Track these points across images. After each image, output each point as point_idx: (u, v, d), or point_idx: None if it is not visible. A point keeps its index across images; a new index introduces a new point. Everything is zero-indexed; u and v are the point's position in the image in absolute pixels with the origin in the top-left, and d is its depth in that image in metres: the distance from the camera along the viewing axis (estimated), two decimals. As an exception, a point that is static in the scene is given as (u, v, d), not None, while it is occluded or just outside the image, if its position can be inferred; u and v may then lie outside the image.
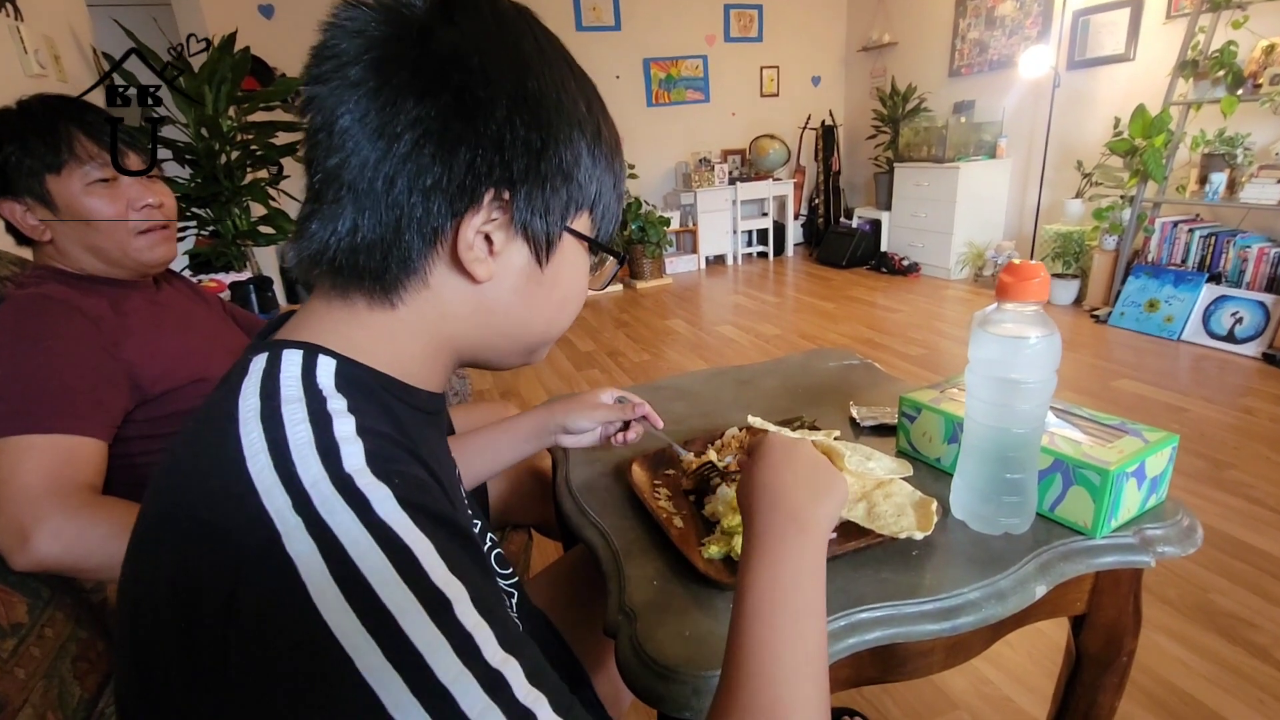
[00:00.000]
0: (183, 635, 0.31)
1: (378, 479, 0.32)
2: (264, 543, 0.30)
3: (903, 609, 0.56)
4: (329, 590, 0.28)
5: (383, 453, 0.34)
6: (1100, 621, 0.71)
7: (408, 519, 0.31)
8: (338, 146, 0.37)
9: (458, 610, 0.30)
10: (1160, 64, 3.28)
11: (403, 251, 0.39)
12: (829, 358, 1.16)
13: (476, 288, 0.41)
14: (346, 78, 0.37)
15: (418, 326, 0.41)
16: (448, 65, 0.37)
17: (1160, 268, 3.21)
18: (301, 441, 0.33)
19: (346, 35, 0.37)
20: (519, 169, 0.39)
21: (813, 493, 0.49)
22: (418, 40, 0.37)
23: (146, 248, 0.92)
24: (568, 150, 0.40)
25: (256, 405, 0.35)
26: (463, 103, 0.37)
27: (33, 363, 0.76)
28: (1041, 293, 0.57)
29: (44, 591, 0.72)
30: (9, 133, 0.83)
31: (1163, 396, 2.48)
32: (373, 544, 0.30)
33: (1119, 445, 0.64)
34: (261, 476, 0.31)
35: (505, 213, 0.39)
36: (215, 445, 0.34)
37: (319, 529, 0.30)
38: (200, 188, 2.31)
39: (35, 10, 1.76)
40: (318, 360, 0.38)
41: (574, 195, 0.42)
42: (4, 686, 0.63)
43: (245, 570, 0.30)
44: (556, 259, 0.43)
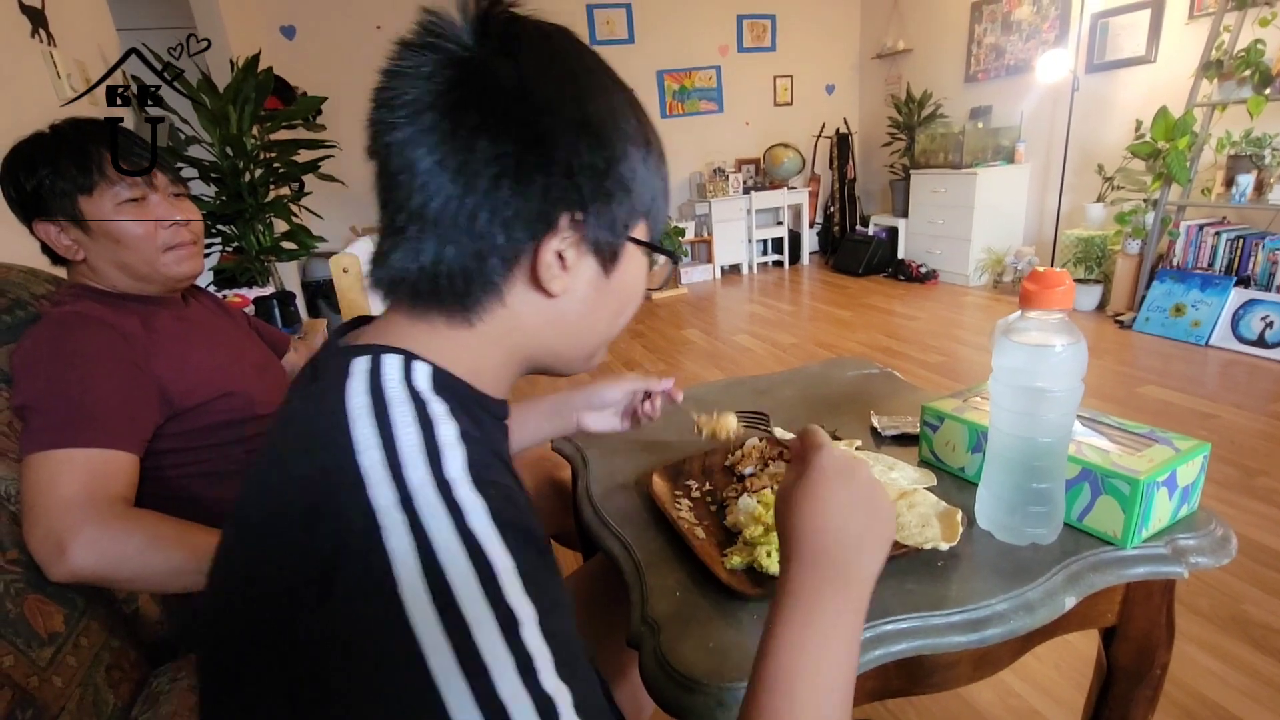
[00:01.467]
0: (273, 609, 0.34)
1: (475, 489, 0.34)
2: (367, 531, 0.32)
3: (929, 620, 0.56)
4: (418, 589, 0.30)
5: (480, 460, 0.36)
6: (1132, 634, 0.70)
7: (496, 535, 0.33)
8: (420, 188, 0.40)
9: (524, 631, 0.31)
10: (1183, 65, 3.23)
11: (485, 276, 0.42)
12: (848, 367, 1.16)
13: (550, 301, 0.44)
14: (421, 124, 0.39)
15: (493, 340, 0.44)
16: (512, 102, 0.39)
17: (1186, 272, 3.15)
18: (410, 443, 0.35)
19: (411, 82, 0.39)
20: (588, 191, 0.41)
21: (865, 536, 0.44)
22: (480, 80, 0.39)
23: (174, 263, 0.95)
24: (626, 165, 0.43)
25: (367, 404, 0.37)
26: (532, 136, 0.39)
27: (68, 379, 0.78)
28: (1066, 301, 0.57)
29: (79, 602, 0.74)
30: (43, 156, 0.86)
31: (1191, 403, 2.43)
32: (463, 553, 0.32)
33: (1149, 454, 0.63)
34: (372, 471, 0.34)
35: (577, 231, 0.42)
36: (327, 437, 0.36)
37: (418, 530, 0.32)
38: (225, 205, 2.36)
39: (67, 35, 1.82)
40: (414, 365, 0.41)
41: (634, 205, 0.45)
42: (43, 694, 0.65)
43: (345, 555, 0.32)
44: (620, 268, 0.46)
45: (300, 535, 0.34)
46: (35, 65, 1.64)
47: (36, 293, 0.92)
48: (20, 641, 0.65)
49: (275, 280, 2.54)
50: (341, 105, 4.21)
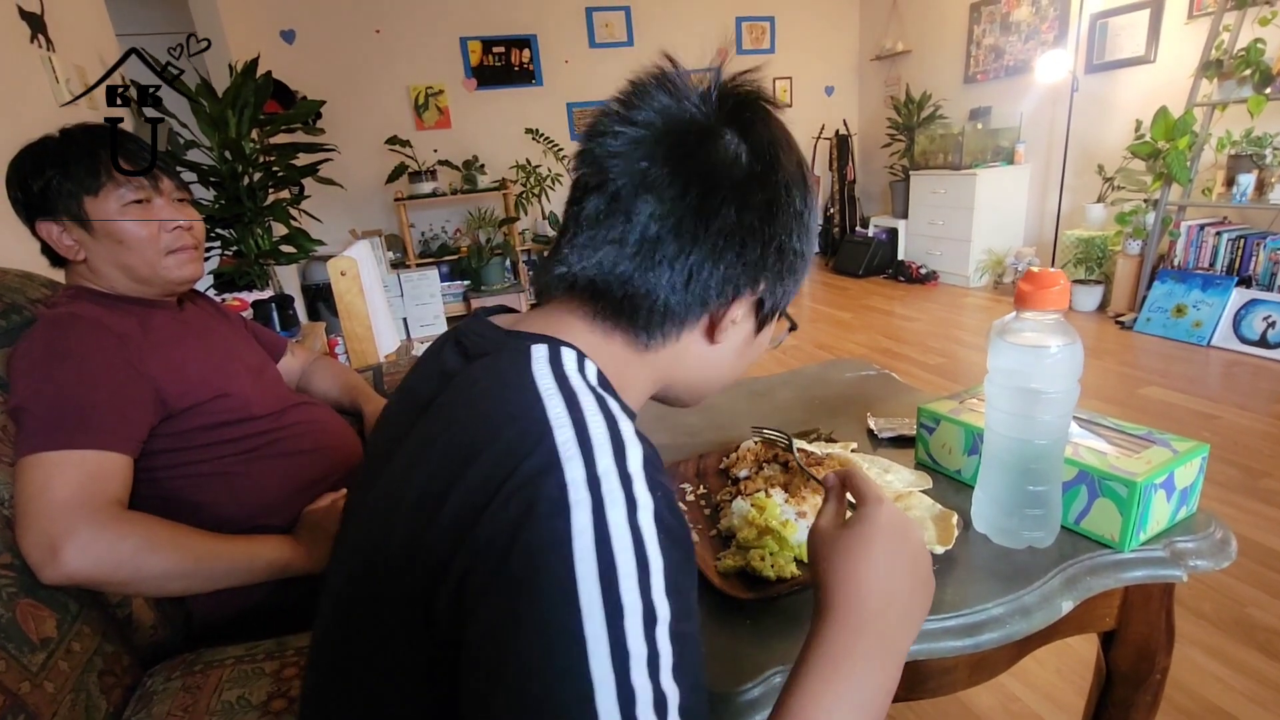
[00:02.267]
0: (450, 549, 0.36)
1: (648, 488, 0.37)
2: (559, 500, 0.34)
3: (925, 625, 0.55)
4: (590, 565, 0.33)
5: (653, 460, 0.39)
6: (1130, 638, 0.69)
7: (656, 534, 0.35)
8: (655, 221, 0.44)
9: (659, 629, 0.34)
10: (1182, 65, 3.23)
11: (680, 319, 0.47)
12: (846, 368, 1.15)
13: (711, 348, 0.50)
14: (657, 161, 0.43)
15: (655, 367, 0.49)
16: (752, 179, 0.45)
17: (1187, 272, 3.14)
18: (599, 431, 0.38)
19: (647, 115, 0.44)
20: (774, 267, 0.47)
21: (911, 606, 0.43)
22: (715, 147, 0.44)
23: (175, 266, 0.95)
24: (806, 245, 0.49)
25: (555, 387, 0.40)
26: (768, 213, 0.45)
27: (62, 380, 0.78)
28: (1061, 301, 0.56)
29: (72, 606, 0.74)
30: (51, 159, 0.87)
31: (1193, 404, 2.42)
32: (630, 546, 0.34)
33: (1146, 456, 0.63)
34: (566, 447, 0.36)
35: (755, 295, 0.48)
36: (524, 413, 0.39)
37: (599, 512, 0.34)
38: (224, 209, 2.36)
39: (66, 40, 1.82)
40: (585, 363, 0.44)
41: (799, 280, 0.51)
42: (34, 700, 0.65)
43: (537, 513, 0.34)
44: (765, 328, 0.52)
45: (494, 489, 0.36)
46: (34, 70, 1.65)
47: (33, 296, 0.92)
48: (11, 646, 0.65)
49: (274, 284, 2.54)
50: (340, 108, 4.23)
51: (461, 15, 4.43)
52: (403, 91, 4.47)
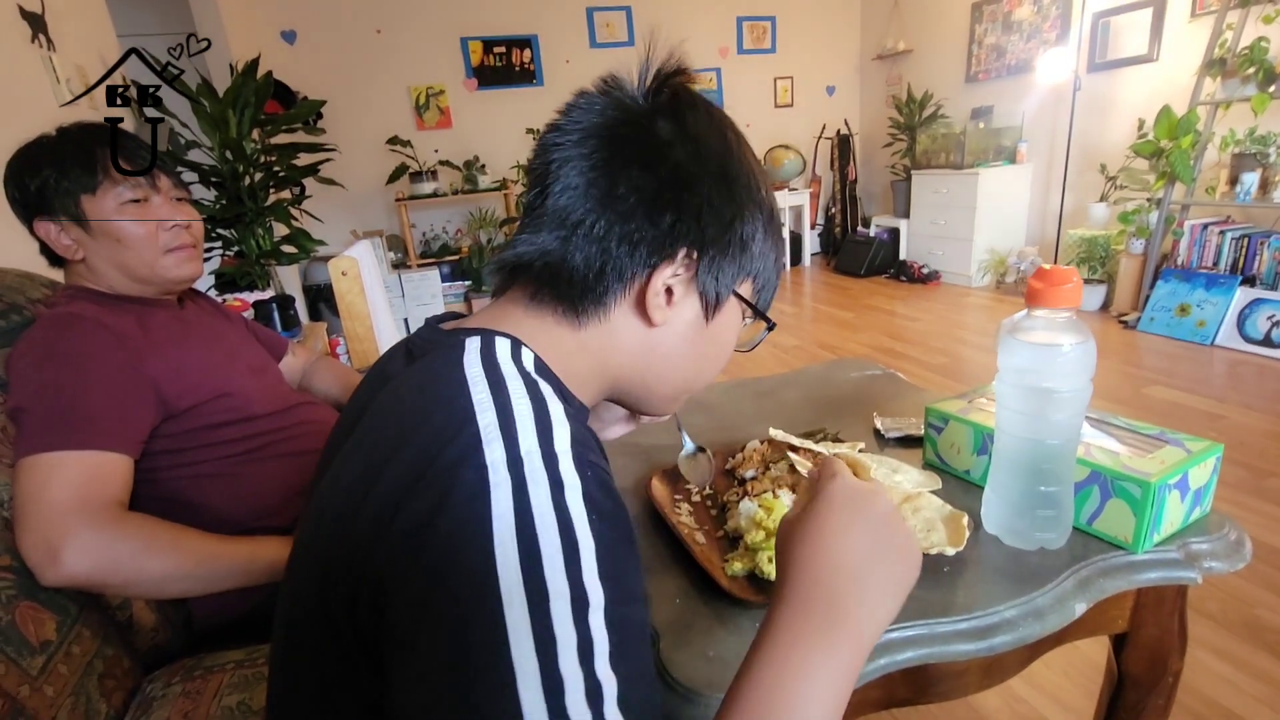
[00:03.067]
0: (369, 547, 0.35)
1: (575, 467, 0.36)
2: (477, 484, 0.34)
3: (936, 628, 0.54)
4: (510, 549, 0.32)
5: (583, 440, 0.38)
6: (1143, 641, 0.68)
7: (585, 515, 0.34)
8: (567, 197, 0.45)
9: (592, 615, 0.32)
10: (1185, 63, 3.22)
11: (601, 287, 0.46)
12: (850, 368, 1.14)
13: (648, 330, 0.48)
14: (583, 148, 0.45)
15: (592, 349, 0.48)
16: (668, 147, 0.45)
17: (1191, 271, 3.13)
18: (524, 412, 0.37)
19: (587, 114, 0.46)
20: (710, 235, 0.46)
21: (870, 572, 0.39)
22: (647, 127, 0.46)
23: (174, 265, 0.94)
24: (749, 225, 0.48)
25: (482, 374, 0.40)
26: (677, 176, 0.45)
27: (62, 380, 0.77)
28: (1074, 299, 0.55)
29: (72, 608, 0.73)
30: (48, 157, 0.86)
31: (1198, 403, 2.41)
32: (554, 527, 0.33)
33: (1160, 455, 0.62)
34: (488, 430, 0.36)
35: (690, 270, 0.47)
36: (445, 397, 0.38)
37: (521, 494, 0.34)
38: (225, 209, 2.36)
39: (67, 40, 1.81)
40: (521, 350, 0.44)
41: (745, 264, 0.49)
42: (33, 704, 0.64)
43: (453, 499, 0.33)
44: (719, 317, 0.50)
45: (412, 480, 0.35)
46: (35, 70, 1.64)
47: (32, 296, 0.91)
48: (11, 650, 0.64)
49: (275, 284, 2.53)
50: (341, 109, 4.23)
51: (462, 15, 4.43)
52: (403, 92, 4.46)
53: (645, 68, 0.47)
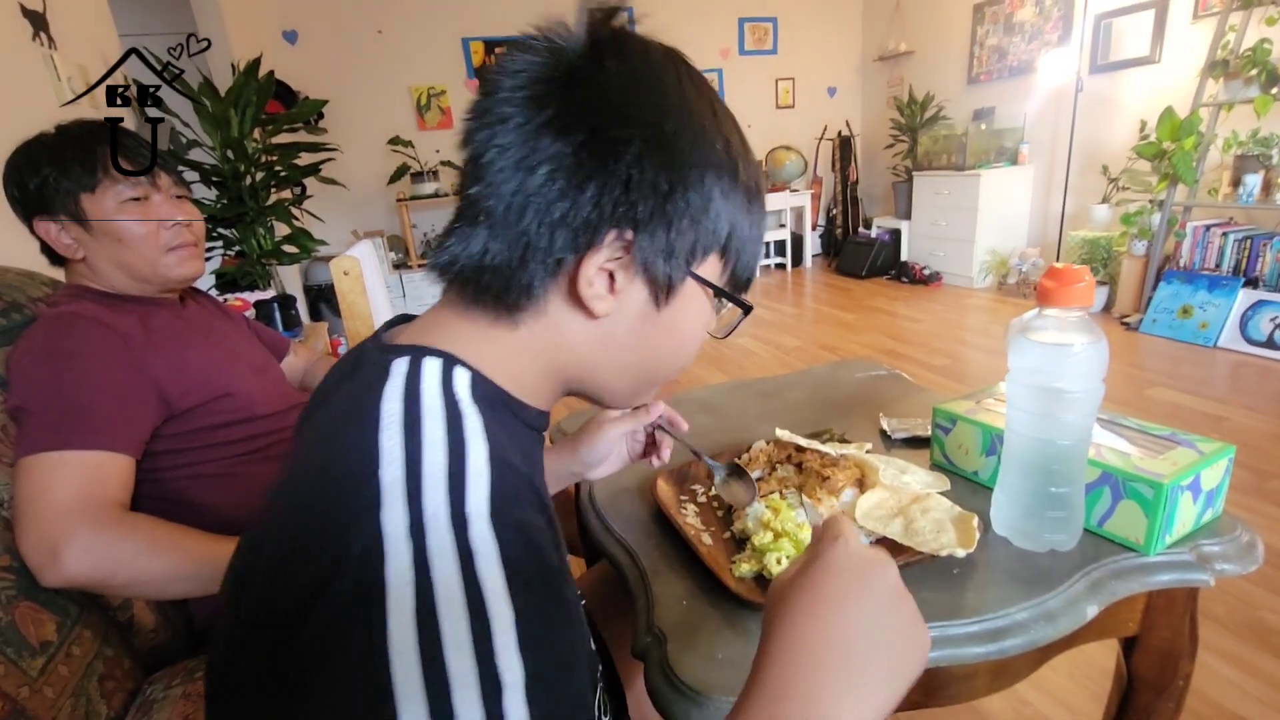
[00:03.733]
0: (272, 615, 0.32)
1: (492, 529, 0.31)
2: (369, 553, 0.30)
3: (947, 630, 0.54)
4: (407, 631, 0.28)
5: (507, 491, 0.34)
6: (1154, 644, 0.67)
7: (503, 583, 0.30)
8: (482, 176, 0.39)
9: (506, 698, 0.28)
10: (1188, 65, 3.22)
11: (526, 278, 0.40)
12: (855, 369, 1.14)
13: (593, 322, 0.42)
14: (499, 114, 0.39)
15: (536, 350, 0.43)
16: (588, 105, 0.38)
17: (1193, 273, 3.12)
18: (434, 464, 0.33)
19: (507, 74, 0.39)
20: (645, 210, 0.39)
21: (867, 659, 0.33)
22: (565, 81, 0.39)
23: (175, 264, 0.94)
24: (697, 194, 0.40)
25: (399, 411, 0.35)
26: (595, 142, 0.38)
27: (64, 380, 0.77)
28: (1086, 298, 0.55)
29: (72, 609, 0.72)
30: (48, 155, 0.86)
31: (1201, 405, 2.40)
32: (462, 601, 0.29)
33: (1171, 457, 0.61)
34: (390, 489, 0.32)
35: (629, 252, 0.40)
36: (354, 446, 0.34)
37: (421, 565, 0.30)
38: (226, 208, 2.35)
39: (68, 39, 1.81)
40: (454, 370, 0.39)
41: (701, 239, 0.42)
42: (33, 705, 0.63)
43: (342, 571, 0.30)
44: (676, 302, 0.43)
45: (309, 540, 0.32)
46: (36, 68, 1.64)
47: (34, 295, 0.90)
48: (11, 651, 0.63)
49: (276, 284, 2.53)
50: (343, 108, 4.23)
51: (463, 16, 4.43)
52: (405, 92, 4.46)
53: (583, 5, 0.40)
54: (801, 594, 0.35)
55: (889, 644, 0.34)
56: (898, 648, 0.34)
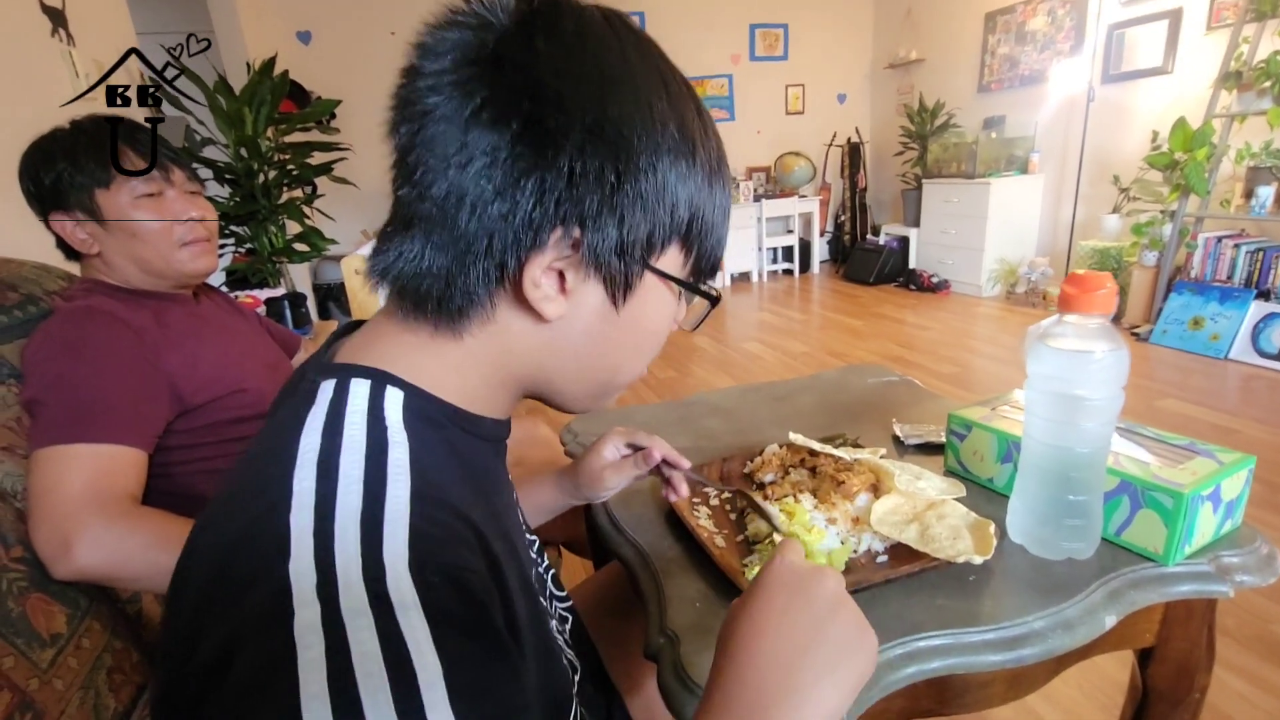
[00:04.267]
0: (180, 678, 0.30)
1: (411, 578, 0.29)
2: (276, 615, 0.27)
3: (963, 638, 0.53)
4: (320, 698, 0.25)
5: (430, 532, 0.31)
6: (1170, 655, 0.67)
7: (428, 637, 0.27)
8: (410, 176, 0.36)
9: None
10: (1201, 76, 3.20)
11: (468, 284, 0.37)
12: (867, 374, 1.13)
13: (545, 326, 0.39)
14: (422, 106, 0.35)
15: (485, 359, 0.39)
16: (520, 92, 0.34)
17: (1204, 284, 3.11)
18: (349, 508, 0.30)
19: (429, 57, 0.36)
20: (591, 205, 0.35)
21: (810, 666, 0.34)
22: (493, 63, 0.34)
23: (189, 259, 0.94)
24: (649, 182, 0.37)
25: (316, 447, 0.33)
26: (531, 132, 0.34)
27: (78, 373, 0.77)
28: (1108, 305, 0.54)
29: (82, 601, 0.72)
30: (62, 150, 0.86)
31: (1211, 417, 2.38)
32: (380, 662, 0.26)
33: (1191, 466, 0.61)
34: (299, 540, 0.29)
35: (577, 250, 0.36)
36: (266, 485, 0.32)
37: (333, 626, 0.27)
38: (239, 206, 2.37)
39: (86, 36, 1.83)
40: (386, 392, 0.36)
41: (658, 229, 0.38)
42: (42, 698, 0.63)
43: (246, 636, 0.27)
44: (636, 299, 0.40)
45: (214, 594, 0.30)
46: (54, 64, 1.65)
47: (49, 288, 0.91)
48: (21, 642, 0.63)
49: (287, 282, 2.54)
50: (355, 109, 4.23)
51: (476, 19, 4.45)
52: (416, 93, 4.48)
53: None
54: (743, 615, 0.36)
55: (833, 651, 0.34)
56: (843, 654, 0.35)
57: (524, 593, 0.37)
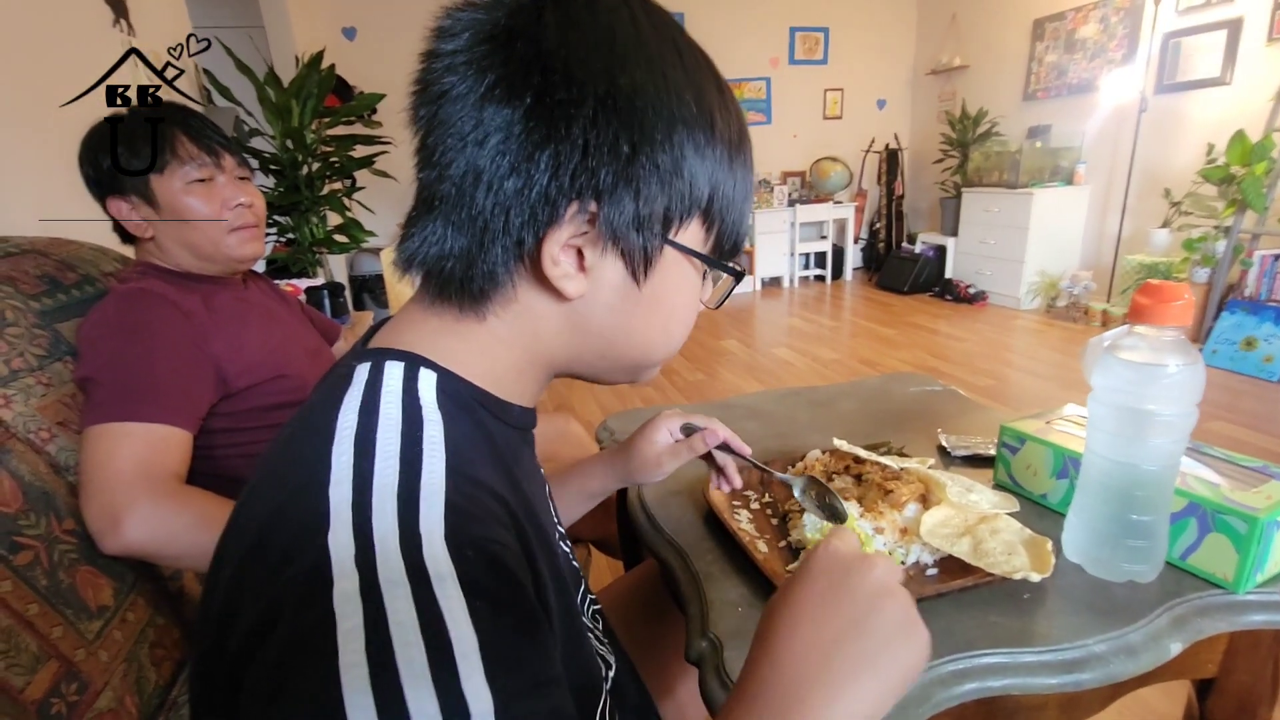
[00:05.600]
0: (218, 649, 0.30)
1: (447, 550, 0.29)
2: (313, 584, 0.27)
3: (1019, 658, 0.51)
4: (359, 667, 0.26)
5: (465, 507, 0.31)
6: (1232, 687, 0.63)
7: (462, 606, 0.28)
8: (430, 158, 0.36)
9: None
10: (1261, 88, 3.08)
11: (488, 264, 0.37)
12: (909, 382, 1.11)
13: (567, 305, 0.39)
14: (439, 87, 0.36)
15: (510, 341, 0.40)
16: (530, 66, 0.34)
17: (1259, 304, 2.98)
18: (386, 482, 0.31)
19: (445, 38, 0.36)
20: (607, 177, 0.35)
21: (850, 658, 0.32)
22: (505, 39, 0.35)
23: (237, 244, 0.96)
24: (665, 154, 0.36)
25: (354, 424, 0.33)
26: (543, 105, 0.34)
27: (130, 354, 0.79)
28: (1184, 317, 0.52)
29: (129, 576, 0.74)
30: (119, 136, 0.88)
31: (1263, 442, 2.29)
32: (417, 631, 0.26)
33: (1265, 490, 0.58)
34: (338, 512, 0.29)
35: (594, 225, 0.36)
36: (305, 460, 0.33)
37: (371, 595, 0.27)
38: (282, 196, 2.42)
39: (145, 26, 1.88)
40: (419, 373, 0.37)
41: (676, 203, 0.38)
42: (88, 668, 0.64)
43: (285, 605, 0.28)
44: (658, 275, 0.39)
45: (254, 567, 0.30)
46: (115, 52, 1.70)
47: (105, 270, 0.93)
48: (70, 613, 0.65)
49: (325, 272, 2.59)
50: (396, 104, 4.26)
51: (517, 18, 4.49)
52: (455, 91, 4.54)
53: None
54: (782, 601, 0.35)
55: (875, 643, 0.33)
56: (886, 646, 0.33)
57: (555, 581, 0.37)
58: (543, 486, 0.53)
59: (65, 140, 0.90)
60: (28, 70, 1.37)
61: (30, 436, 0.70)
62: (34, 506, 0.66)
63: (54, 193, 1.03)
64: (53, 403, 0.74)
